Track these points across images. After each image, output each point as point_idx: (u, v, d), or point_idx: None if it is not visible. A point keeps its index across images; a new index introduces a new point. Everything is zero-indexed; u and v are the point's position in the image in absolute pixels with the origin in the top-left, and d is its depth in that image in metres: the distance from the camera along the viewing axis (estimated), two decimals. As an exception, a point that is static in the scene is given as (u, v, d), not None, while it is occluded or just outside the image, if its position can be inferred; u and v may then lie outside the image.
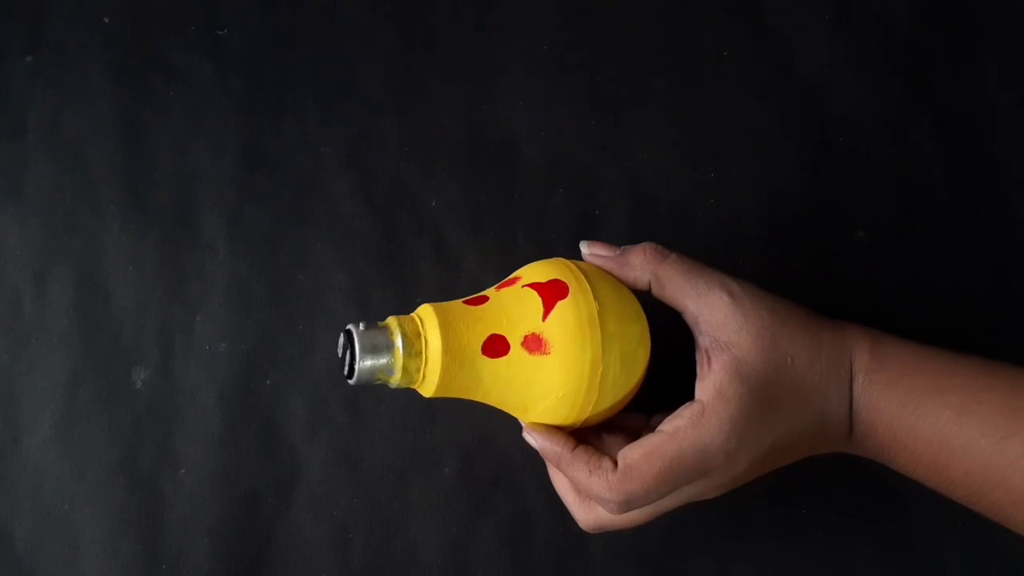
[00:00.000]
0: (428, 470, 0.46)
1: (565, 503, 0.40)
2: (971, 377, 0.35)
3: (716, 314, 0.36)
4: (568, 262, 0.38)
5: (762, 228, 0.48)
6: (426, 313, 0.36)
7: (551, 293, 0.36)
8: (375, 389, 0.46)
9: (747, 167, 0.48)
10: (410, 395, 0.46)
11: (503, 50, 0.50)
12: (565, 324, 0.35)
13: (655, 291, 0.38)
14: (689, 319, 0.37)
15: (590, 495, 0.36)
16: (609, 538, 0.45)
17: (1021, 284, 0.46)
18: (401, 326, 0.35)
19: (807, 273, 0.46)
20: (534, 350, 0.35)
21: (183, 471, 0.46)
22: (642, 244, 0.38)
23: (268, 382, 0.47)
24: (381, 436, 0.46)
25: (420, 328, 0.35)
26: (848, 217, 0.47)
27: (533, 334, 0.35)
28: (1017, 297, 0.46)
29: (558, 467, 0.37)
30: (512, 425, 0.46)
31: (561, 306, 0.35)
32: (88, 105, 0.49)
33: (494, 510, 0.46)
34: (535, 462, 0.41)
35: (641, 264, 0.37)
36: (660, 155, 0.49)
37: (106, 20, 0.50)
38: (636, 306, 0.38)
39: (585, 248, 0.39)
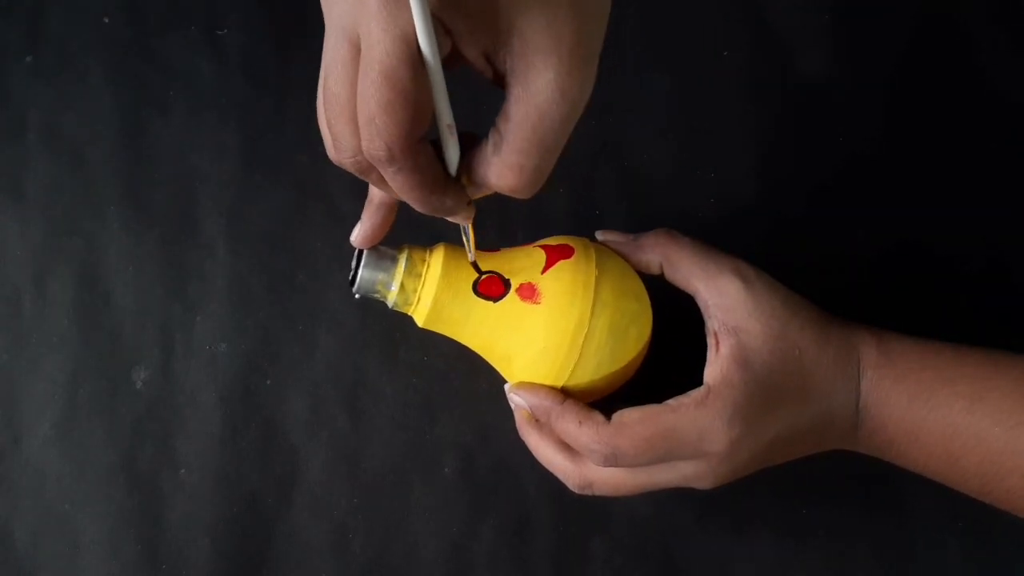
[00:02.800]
0: (428, 470, 0.46)
1: (552, 467, 0.39)
2: (979, 367, 0.36)
3: (727, 298, 0.36)
4: (585, 239, 0.39)
5: (762, 228, 0.48)
6: (438, 247, 0.39)
7: (556, 253, 0.38)
8: (375, 392, 0.46)
9: (747, 167, 0.48)
10: (410, 395, 0.46)
11: (503, 50, 0.50)
12: (560, 279, 0.37)
13: (667, 274, 0.38)
14: (700, 302, 0.37)
15: (578, 446, 0.36)
16: (609, 538, 0.45)
17: (1021, 281, 0.47)
18: (410, 249, 0.38)
19: (807, 273, 0.45)
20: (526, 297, 0.37)
21: (183, 471, 0.46)
22: (657, 229, 0.38)
23: (268, 382, 0.47)
24: (381, 436, 0.46)
25: (427, 255, 0.38)
26: (848, 217, 0.47)
27: (529, 283, 0.37)
28: (1017, 294, 0.46)
29: (548, 420, 0.37)
30: (512, 425, 0.46)
31: (561, 264, 0.37)
32: (88, 105, 0.49)
33: (494, 510, 0.46)
34: (535, 462, 0.41)
35: (652, 246, 0.38)
36: (660, 155, 0.49)
37: (106, 20, 0.50)
38: (639, 290, 0.38)
39: (600, 235, 0.40)
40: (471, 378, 0.46)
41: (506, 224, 0.48)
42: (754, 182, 0.48)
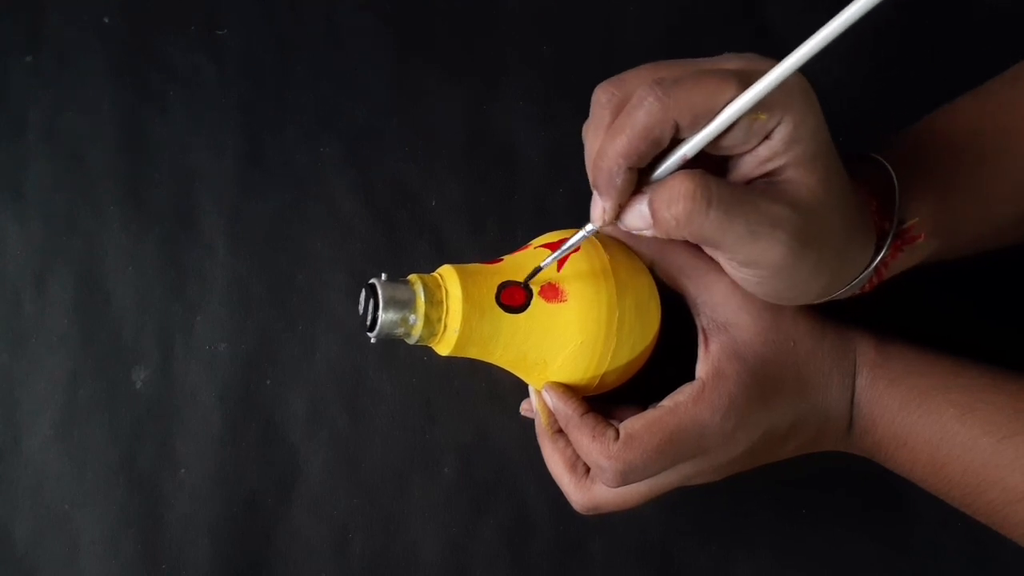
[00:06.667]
0: (428, 470, 0.46)
1: (560, 484, 0.39)
2: (975, 379, 0.36)
3: (715, 294, 0.36)
4: (576, 230, 0.38)
5: (762, 228, 0.48)
6: (445, 269, 0.37)
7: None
8: (375, 392, 0.46)
9: (747, 167, 0.48)
10: (410, 395, 0.46)
11: (503, 50, 0.50)
12: (579, 272, 0.36)
13: (659, 270, 0.38)
14: (688, 300, 0.37)
15: (588, 461, 0.36)
16: (609, 538, 0.45)
17: (1021, 282, 0.46)
18: (422, 279, 0.36)
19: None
20: (551, 298, 0.36)
21: (183, 471, 0.46)
22: None
23: (268, 382, 0.47)
24: (381, 436, 0.46)
25: (440, 281, 0.36)
26: (848, 217, 0.47)
27: (549, 283, 0.36)
28: (1017, 296, 0.46)
29: (566, 428, 0.37)
30: (512, 425, 0.46)
31: (574, 258, 0.37)
32: (88, 105, 0.49)
33: (494, 510, 0.46)
34: (535, 462, 0.41)
35: (646, 241, 0.38)
36: (660, 155, 0.49)
37: (106, 20, 0.50)
38: (643, 264, 0.38)
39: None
40: (471, 378, 0.46)
41: (506, 222, 0.48)
42: (754, 182, 0.48)
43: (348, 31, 0.50)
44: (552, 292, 0.36)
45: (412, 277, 0.36)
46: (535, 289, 0.36)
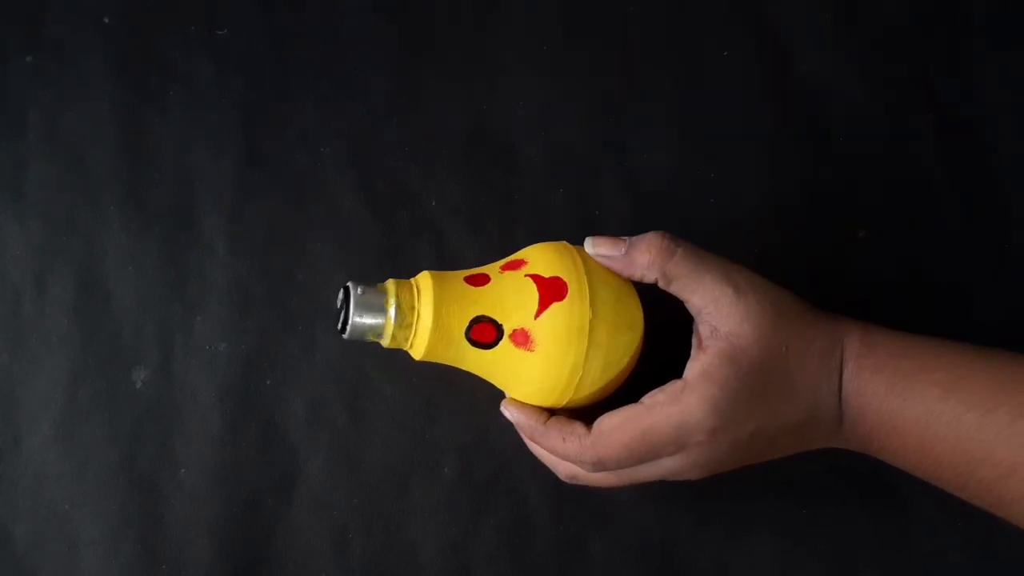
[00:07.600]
0: (428, 470, 0.46)
1: (542, 458, 0.41)
2: (958, 357, 0.36)
3: (720, 308, 0.36)
4: (577, 256, 0.38)
5: (762, 228, 0.48)
6: (424, 285, 0.37)
7: (549, 291, 0.36)
8: (375, 392, 0.46)
9: (747, 167, 0.48)
10: (410, 395, 0.46)
11: (503, 50, 0.50)
12: (555, 328, 0.36)
13: (662, 286, 0.38)
14: (693, 309, 0.38)
15: (566, 459, 0.38)
16: (609, 538, 0.45)
17: (1020, 282, 0.47)
18: (397, 296, 0.36)
19: (807, 273, 0.46)
20: (520, 344, 0.36)
21: (183, 471, 0.46)
22: (649, 237, 0.38)
23: (268, 382, 0.47)
24: (381, 436, 0.46)
25: (415, 301, 0.36)
26: (848, 216, 0.47)
27: (522, 329, 0.36)
28: (1016, 296, 0.46)
29: (533, 439, 0.39)
30: (512, 425, 0.46)
31: (555, 308, 0.36)
32: (88, 105, 0.49)
33: (494, 510, 0.46)
34: (535, 462, 0.42)
35: (647, 265, 0.38)
36: (660, 155, 0.49)
37: (106, 20, 0.50)
38: (633, 313, 0.38)
39: (591, 248, 0.39)
40: (471, 378, 0.46)
41: (506, 222, 0.48)
42: (754, 182, 0.48)
43: (348, 31, 0.50)
44: (522, 338, 0.36)
45: (388, 288, 0.37)
46: (507, 331, 0.36)
